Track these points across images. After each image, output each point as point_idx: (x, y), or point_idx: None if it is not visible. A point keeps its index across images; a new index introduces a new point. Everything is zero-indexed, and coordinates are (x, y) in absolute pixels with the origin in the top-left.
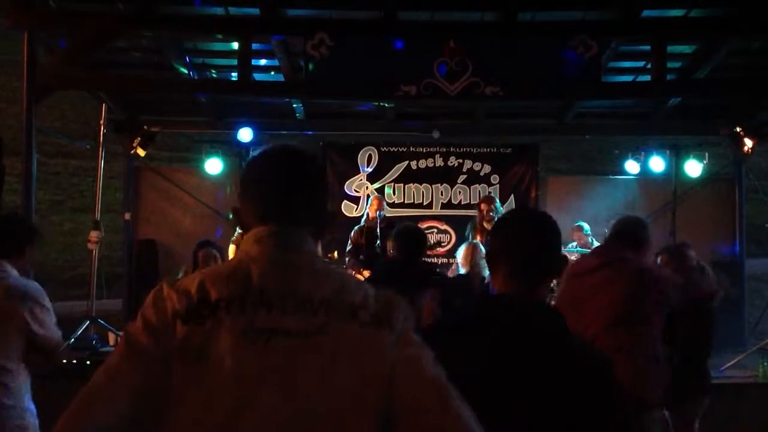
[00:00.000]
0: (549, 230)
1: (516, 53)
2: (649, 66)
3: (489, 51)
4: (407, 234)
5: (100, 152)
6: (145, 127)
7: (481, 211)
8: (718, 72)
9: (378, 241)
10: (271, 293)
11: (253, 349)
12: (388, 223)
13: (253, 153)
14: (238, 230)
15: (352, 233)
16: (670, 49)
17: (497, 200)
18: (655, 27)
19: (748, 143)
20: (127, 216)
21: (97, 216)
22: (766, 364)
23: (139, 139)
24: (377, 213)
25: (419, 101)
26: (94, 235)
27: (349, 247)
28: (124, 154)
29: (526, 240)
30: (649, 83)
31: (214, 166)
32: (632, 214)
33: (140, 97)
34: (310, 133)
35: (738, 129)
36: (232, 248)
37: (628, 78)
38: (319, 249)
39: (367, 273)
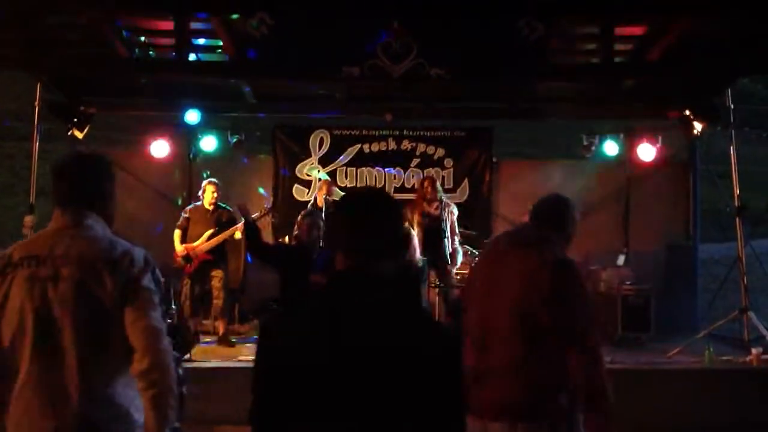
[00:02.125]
0: (383, 210)
1: (462, 35)
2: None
3: (434, 32)
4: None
5: (35, 134)
6: (82, 108)
7: (424, 189)
8: (670, 54)
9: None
10: (53, 253)
11: (32, 290)
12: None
13: (201, 135)
14: (183, 215)
15: (299, 218)
16: (622, 31)
17: (438, 183)
18: (603, 8)
19: (698, 126)
20: None
21: (32, 200)
22: (711, 349)
23: (75, 120)
24: (324, 198)
25: (362, 83)
26: (28, 220)
27: (295, 232)
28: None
29: (359, 220)
30: (597, 65)
31: (160, 148)
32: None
33: (81, 78)
34: (260, 115)
35: (687, 112)
36: (177, 233)
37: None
38: (102, 224)
39: None
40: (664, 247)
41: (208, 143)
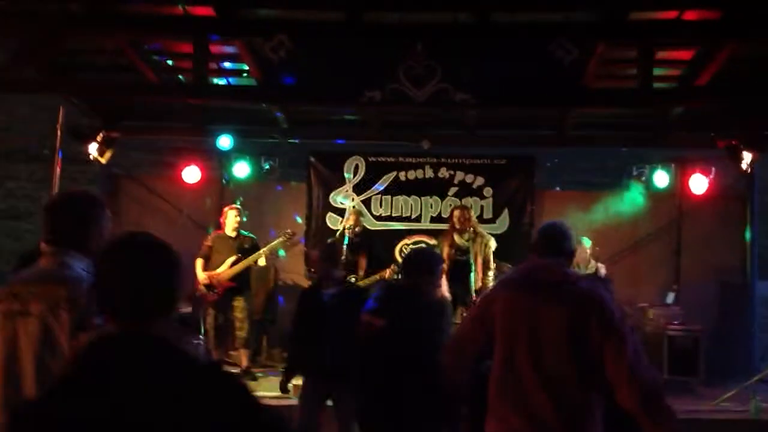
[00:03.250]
0: (148, 261)
1: (489, 58)
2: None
3: (459, 55)
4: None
5: (57, 157)
6: (104, 132)
7: (455, 219)
8: (718, 80)
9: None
10: (26, 289)
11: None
12: (362, 239)
13: (234, 161)
14: (206, 243)
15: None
16: (667, 55)
17: (473, 211)
18: (643, 30)
19: (747, 157)
20: None
21: None
22: (758, 398)
23: (97, 145)
24: (351, 228)
25: (384, 107)
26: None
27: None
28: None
29: (112, 275)
30: (635, 90)
31: (192, 174)
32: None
33: (110, 101)
34: (295, 140)
35: (734, 141)
36: (199, 261)
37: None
38: (83, 262)
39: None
40: (718, 284)
41: (241, 169)
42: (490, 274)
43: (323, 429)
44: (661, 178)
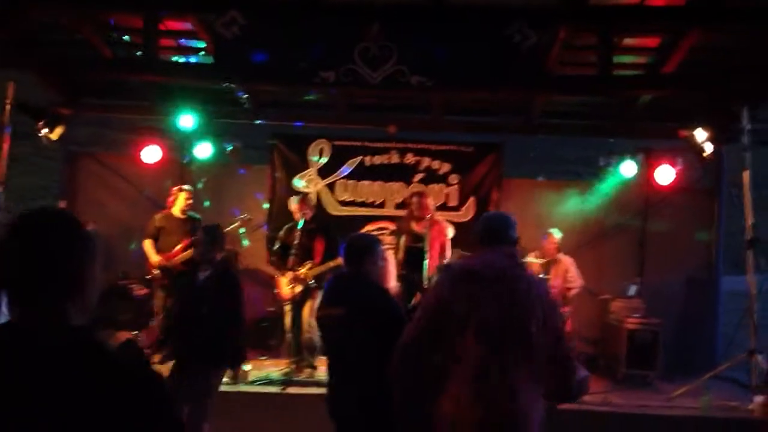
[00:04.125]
0: (47, 238)
1: (446, 40)
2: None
3: (416, 37)
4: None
5: (3, 134)
6: (53, 109)
7: (412, 206)
8: (684, 69)
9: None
10: None
11: None
12: (318, 224)
13: (196, 141)
14: (153, 223)
15: (281, 232)
16: (634, 42)
17: (431, 198)
18: (604, 15)
19: (708, 148)
20: (62, 204)
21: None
22: (709, 395)
23: (44, 121)
24: (301, 214)
25: (340, 88)
26: None
27: (275, 246)
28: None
29: (12, 253)
30: (597, 78)
31: (152, 153)
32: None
33: (67, 77)
34: (260, 122)
35: (697, 132)
36: (149, 242)
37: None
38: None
39: (289, 274)
40: (683, 278)
41: (203, 150)
42: (446, 261)
43: None
44: (629, 169)
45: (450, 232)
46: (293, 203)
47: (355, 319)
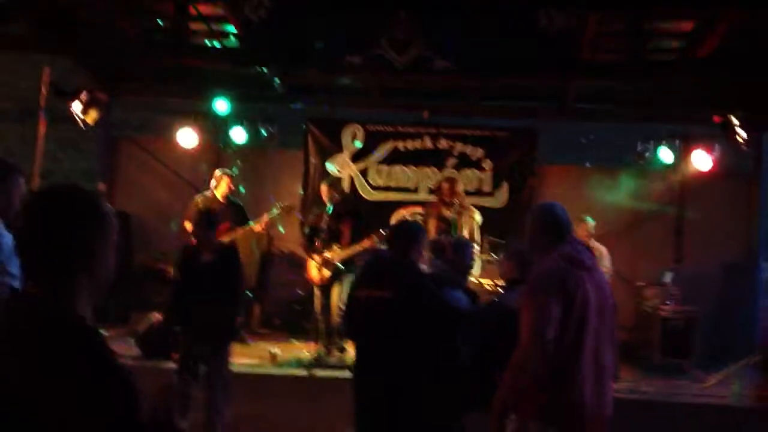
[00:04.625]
0: (46, 214)
1: (472, 26)
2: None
3: (441, 23)
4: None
5: (42, 117)
6: (87, 92)
7: (440, 192)
8: (718, 54)
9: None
10: None
11: None
12: (347, 208)
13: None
14: (194, 207)
15: (312, 216)
16: (668, 28)
17: (461, 184)
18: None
19: (743, 134)
20: (101, 187)
21: (37, 183)
22: (741, 383)
23: (81, 105)
24: (329, 200)
25: (364, 73)
26: None
27: (306, 231)
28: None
29: (21, 228)
30: (626, 63)
31: (188, 138)
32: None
33: (106, 61)
34: (295, 107)
35: (731, 117)
36: (189, 225)
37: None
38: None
39: (318, 258)
40: (721, 266)
41: (238, 134)
42: (476, 248)
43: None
44: (666, 155)
45: (478, 218)
46: (323, 188)
47: (404, 304)
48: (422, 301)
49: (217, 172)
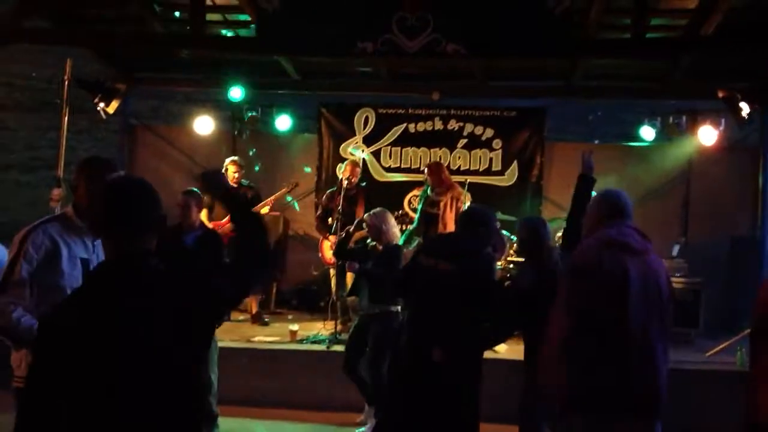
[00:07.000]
0: (143, 193)
1: (480, 8)
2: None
3: (450, 6)
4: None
5: (65, 108)
6: (108, 83)
7: (427, 174)
8: (724, 30)
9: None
10: None
11: None
12: (359, 190)
13: (246, 113)
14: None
15: (323, 197)
16: (674, 4)
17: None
18: None
19: (746, 108)
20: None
21: (60, 173)
22: (743, 349)
23: (100, 95)
24: (347, 179)
25: (376, 59)
26: (56, 193)
27: (318, 212)
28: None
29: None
30: (631, 41)
31: (204, 125)
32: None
33: (120, 52)
34: (306, 92)
35: (735, 92)
36: (203, 213)
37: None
38: None
39: (332, 238)
40: (728, 238)
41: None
42: None
43: None
44: (672, 130)
45: (466, 199)
46: (346, 166)
47: (464, 278)
48: (480, 276)
49: (227, 161)
